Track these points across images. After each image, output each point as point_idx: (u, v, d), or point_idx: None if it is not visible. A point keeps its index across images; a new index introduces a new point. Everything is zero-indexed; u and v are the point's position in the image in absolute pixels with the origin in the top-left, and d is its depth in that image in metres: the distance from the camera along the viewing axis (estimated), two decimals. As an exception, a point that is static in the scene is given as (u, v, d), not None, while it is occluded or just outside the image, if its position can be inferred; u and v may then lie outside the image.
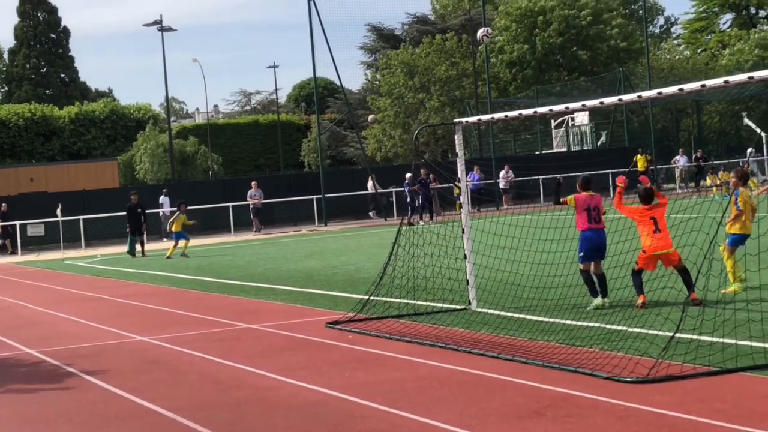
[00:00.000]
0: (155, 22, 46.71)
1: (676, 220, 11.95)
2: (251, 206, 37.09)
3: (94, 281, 21.87)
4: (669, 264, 11.28)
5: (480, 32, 10.61)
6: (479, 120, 13.45)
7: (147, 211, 29.87)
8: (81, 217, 35.00)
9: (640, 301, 11.33)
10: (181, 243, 26.54)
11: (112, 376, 9.95)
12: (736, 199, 11.96)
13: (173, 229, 26.73)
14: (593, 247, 11.64)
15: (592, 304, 11.57)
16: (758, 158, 42.02)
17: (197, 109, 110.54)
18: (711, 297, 10.56)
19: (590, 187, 12.04)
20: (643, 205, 11.49)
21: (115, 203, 34.10)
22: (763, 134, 46.44)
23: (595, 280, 11.74)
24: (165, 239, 36.38)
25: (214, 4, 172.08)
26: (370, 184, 39.66)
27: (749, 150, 41.63)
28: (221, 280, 19.16)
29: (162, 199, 36.85)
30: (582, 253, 11.70)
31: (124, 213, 29.23)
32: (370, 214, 39.98)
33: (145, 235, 29.10)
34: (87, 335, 13.13)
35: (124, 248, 29.27)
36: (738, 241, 11.76)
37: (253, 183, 37.70)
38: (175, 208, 27.97)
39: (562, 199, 12.01)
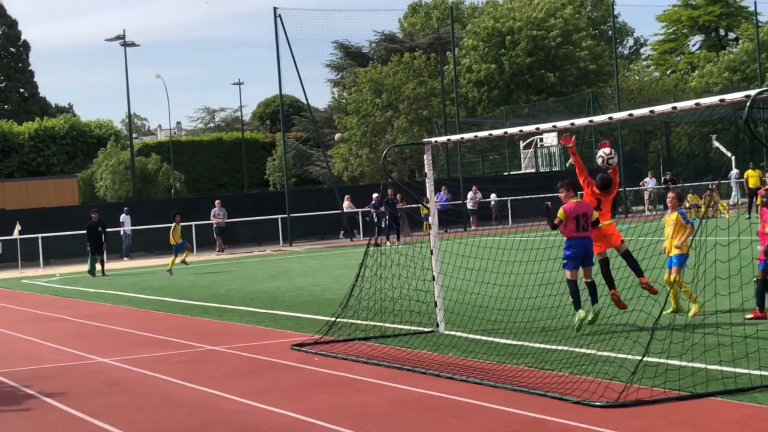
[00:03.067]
0: (118, 37, 46.32)
1: (645, 242, 11.97)
2: (214, 225, 36.73)
3: (53, 301, 21.51)
4: (612, 244, 11.42)
5: (599, 155, 10.30)
6: (449, 140, 13.38)
7: (108, 230, 29.47)
8: (39, 235, 34.45)
9: (613, 296, 11.29)
10: (170, 259, 26.52)
11: (72, 398, 9.74)
12: (684, 218, 12.05)
13: (176, 241, 26.65)
14: (577, 254, 11.37)
15: (576, 318, 11.23)
16: (727, 181, 42.24)
17: (159, 126, 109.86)
18: (680, 320, 10.57)
19: (577, 191, 11.79)
20: (599, 191, 11.48)
21: (74, 221, 33.58)
22: (732, 157, 46.74)
23: (583, 288, 11.42)
24: (126, 258, 35.96)
25: (178, 20, 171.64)
26: (346, 203, 39.30)
27: (734, 171, 41.70)
28: (184, 301, 18.90)
29: (123, 217, 36.41)
30: (565, 260, 11.43)
31: (84, 231, 28.82)
32: (342, 234, 39.56)
33: (105, 255, 28.72)
34: (46, 356, 12.87)
35: (84, 267, 28.83)
36: (685, 260, 11.81)
37: (217, 202, 37.36)
38: (172, 221, 27.56)
39: (556, 221, 11.49)
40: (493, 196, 42.12)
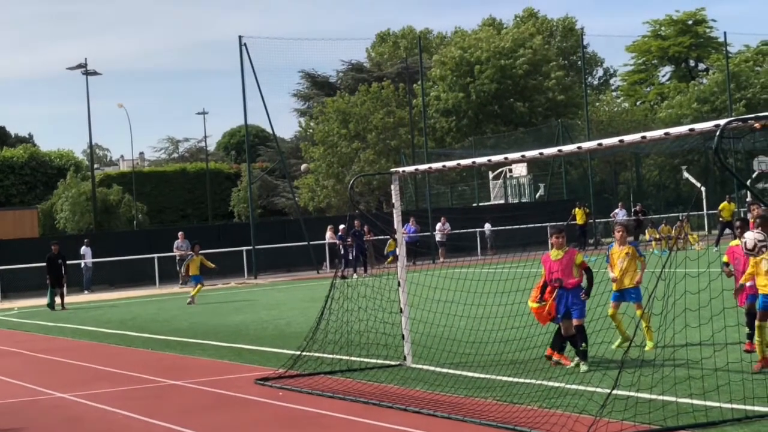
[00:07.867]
0: (79, 66, 45.83)
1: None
2: (177, 258, 36.28)
3: (10, 335, 21.09)
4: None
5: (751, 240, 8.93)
6: (416, 169, 13.28)
7: (68, 262, 28.99)
8: (-3, 267, 33.80)
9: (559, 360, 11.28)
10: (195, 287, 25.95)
11: (28, 436, 9.49)
12: (639, 251, 11.93)
13: (190, 272, 26.10)
14: None
15: (585, 368, 10.86)
16: (699, 212, 42.36)
17: (122, 157, 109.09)
18: (648, 355, 10.48)
19: None
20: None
21: (34, 253, 32.94)
22: (703, 189, 46.95)
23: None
24: (86, 291, 35.36)
25: (141, 48, 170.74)
26: (328, 234, 38.76)
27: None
28: (145, 335, 18.58)
29: (83, 249, 35.83)
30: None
31: (44, 264, 28.31)
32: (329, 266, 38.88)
33: (65, 288, 28.23)
34: (3, 391, 12.56)
35: (43, 300, 28.32)
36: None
37: (180, 233, 36.92)
38: (190, 252, 27.01)
39: (587, 265, 11.01)
40: (487, 225, 42.00)
